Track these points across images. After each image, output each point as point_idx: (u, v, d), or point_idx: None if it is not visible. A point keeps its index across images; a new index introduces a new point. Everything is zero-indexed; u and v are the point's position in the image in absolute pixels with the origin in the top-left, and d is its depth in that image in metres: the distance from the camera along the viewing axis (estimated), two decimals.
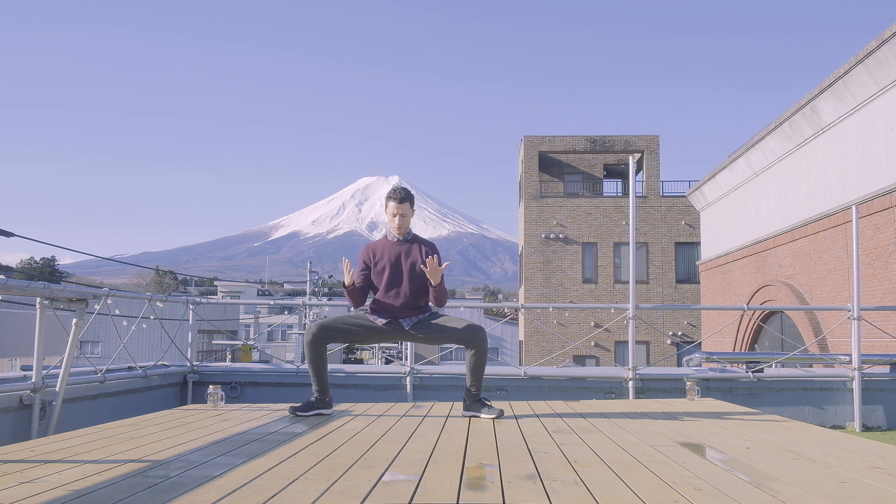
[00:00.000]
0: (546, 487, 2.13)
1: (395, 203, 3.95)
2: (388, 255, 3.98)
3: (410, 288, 3.93)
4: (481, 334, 3.89)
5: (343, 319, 4.06)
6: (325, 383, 4.02)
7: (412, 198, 4.02)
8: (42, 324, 4.53)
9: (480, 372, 3.94)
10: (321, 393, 4.03)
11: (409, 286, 3.93)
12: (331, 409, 4.09)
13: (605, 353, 24.08)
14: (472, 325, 3.92)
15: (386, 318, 3.96)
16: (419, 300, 3.98)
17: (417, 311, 3.98)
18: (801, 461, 2.63)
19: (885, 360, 7.28)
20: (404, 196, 3.99)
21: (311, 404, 4.03)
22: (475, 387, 3.95)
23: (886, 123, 10.52)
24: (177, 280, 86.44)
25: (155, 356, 7.00)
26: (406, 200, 3.98)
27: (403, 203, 3.97)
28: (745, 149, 15.57)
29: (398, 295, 3.93)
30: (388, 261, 3.96)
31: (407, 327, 3.95)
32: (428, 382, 7.00)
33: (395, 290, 3.93)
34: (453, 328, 3.92)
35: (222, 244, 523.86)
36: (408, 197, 4.00)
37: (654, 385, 6.91)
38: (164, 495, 2.01)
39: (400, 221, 3.97)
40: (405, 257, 3.96)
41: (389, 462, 2.56)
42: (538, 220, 26.02)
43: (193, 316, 7.30)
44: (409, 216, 4.01)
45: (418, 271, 3.93)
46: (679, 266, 25.72)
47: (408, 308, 3.96)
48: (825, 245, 12.45)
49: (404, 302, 3.94)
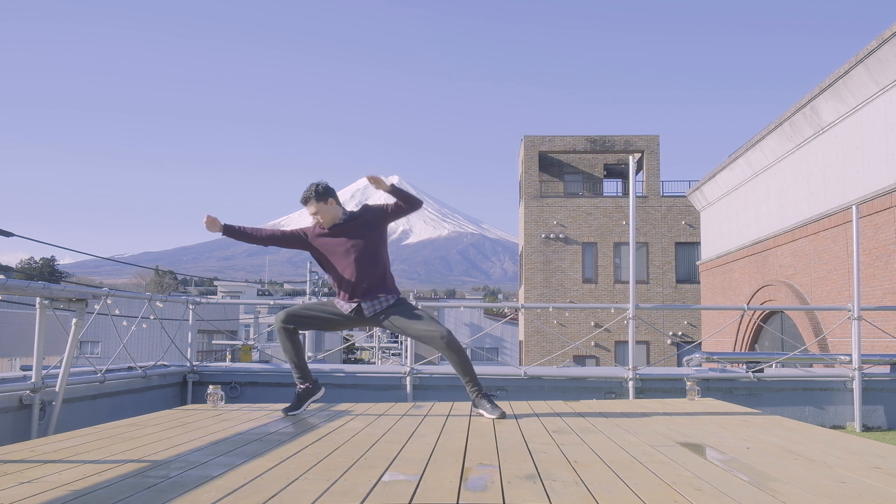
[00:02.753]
0: (546, 487, 2.13)
1: (305, 208, 3.92)
2: (326, 245, 3.94)
3: (358, 268, 3.86)
4: (447, 339, 3.80)
5: (309, 306, 4.11)
6: (305, 369, 4.04)
7: (311, 195, 3.87)
8: (42, 324, 4.53)
9: (466, 368, 3.91)
10: (303, 379, 4.03)
11: (355, 267, 3.87)
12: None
13: (605, 353, 24.08)
14: (437, 329, 3.83)
15: (348, 303, 3.92)
16: (374, 280, 3.89)
17: (378, 294, 3.89)
18: (802, 461, 2.62)
19: (886, 360, 7.28)
20: (304, 199, 3.90)
21: (300, 397, 4.05)
22: (470, 383, 3.94)
23: (886, 123, 10.52)
24: (177, 280, 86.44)
25: (155, 356, 7.00)
26: (307, 202, 3.89)
27: (308, 205, 3.89)
28: (745, 149, 15.56)
29: (351, 279, 3.88)
30: (329, 251, 3.92)
31: (368, 315, 3.90)
32: (428, 382, 7.00)
33: (346, 274, 3.89)
34: (418, 329, 3.85)
35: (222, 244, 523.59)
36: (308, 198, 3.89)
37: (654, 385, 6.90)
38: (164, 495, 2.01)
39: (318, 220, 3.91)
40: (345, 241, 3.90)
41: (389, 462, 2.56)
42: (538, 220, 26.01)
43: (193, 316, 7.30)
44: (324, 211, 3.88)
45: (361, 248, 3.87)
46: (679, 266, 25.71)
47: (365, 291, 3.88)
48: (825, 245, 12.45)
49: (357, 284, 3.87)
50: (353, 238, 3.90)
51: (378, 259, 3.93)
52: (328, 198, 3.89)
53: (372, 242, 3.92)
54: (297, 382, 4.06)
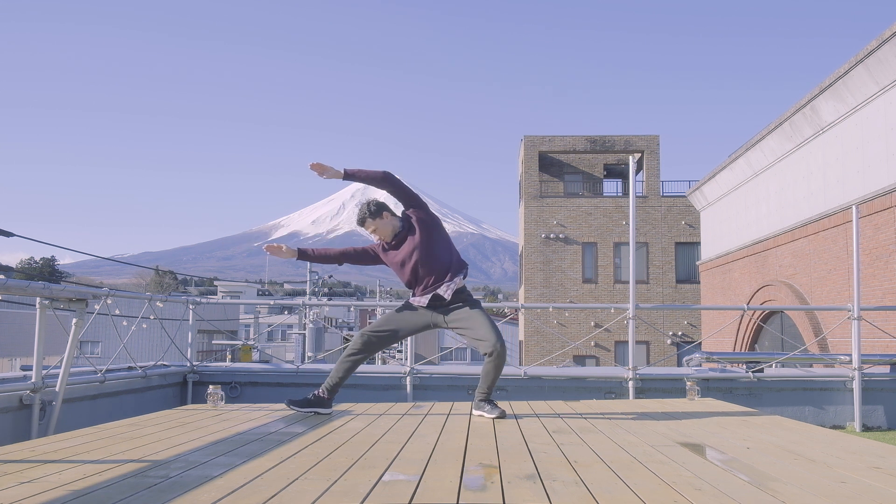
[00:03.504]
0: (546, 487, 2.13)
1: (361, 228, 3.92)
2: (395, 256, 3.95)
3: (427, 265, 3.87)
4: (499, 351, 3.85)
5: (381, 324, 4.04)
6: (337, 389, 4.06)
7: (366, 213, 3.89)
8: (42, 324, 4.53)
9: (493, 381, 3.96)
10: (328, 392, 4.04)
11: (425, 265, 3.87)
12: (329, 410, 4.09)
13: (605, 353, 24.08)
14: (496, 339, 3.86)
15: (423, 296, 3.91)
16: (444, 268, 3.90)
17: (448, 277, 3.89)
18: (801, 461, 2.62)
19: (885, 360, 7.28)
20: (360, 220, 3.92)
21: (309, 402, 4.04)
22: (485, 392, 3.99)
23: (886, 123, 10.52)
24: (177, 280, 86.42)
25: (155, 356, 7.00)
26: (363, 223, 3.91)
27: (365, 225, 3.91)
28: (745, 149, 15.56)
29: (424, 276, 3.89)
30: (398, 260, 3.94)
31: (448, 298, 3.86)
32: (428, 382, 7.00)
33: (419, 274, 3.89)
34: (478, 332, 3.88)
35: (222, 244, 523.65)
36: (363, 219, 3.91)
37: (654, 385, 6.90)
38: (164, 495, 2.01)
39: (379, 236, 3.94)
40: (409, 245, 3.90)
41: (389, 462, 2.56)
42: (538, 220, 26.01)
43: (193, 316, 7.30)
44: (381, 227, 3.91)
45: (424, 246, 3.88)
46: (679, 266, 25.71)
47: (437, 280, 3.88)
48: (825, 245, 12.45)
49: (430, 277, 3.88)
50: (414, 239, 3.90)
51: (441, 248, 3.93)
52: (382, 212, 3.90)
53: (432, 236, 3.93)
54: (321, 390, 4.05)
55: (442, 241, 3.97)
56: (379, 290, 50.02)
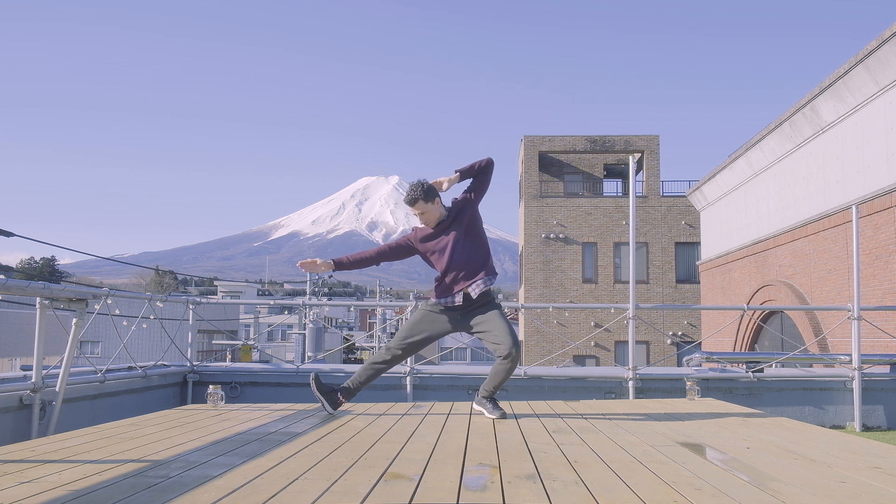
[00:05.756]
0: (546, 487, 2.13)
1: (410, 208, 3.89)
2: (433, 245, 3.93)
3: (465, 259, 3.86)
4: (514, 355, 3.83)
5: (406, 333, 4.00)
6: (357, 391, 4.06)
7: (419, 195, 3.84)
8: (42, 324, 4.53)
9: (503, 382, 3.95)
10: (346, 394, 4.05)
11: (463, 258, 3.86)
12: (332, 411, 4.08)
13: (605, 353, 24.07)
14: (512, 343, 3.83)
15: (453, 294, 3.88)
16: (478, 265, 3.88)
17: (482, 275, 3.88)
18: (801, 461, 2.62)
19: (885, 360, 7.28)
20: (411, 199, 3.87)
21: (326, 392, 4.04)
22: (490, 392, 3.98)
23: (886, 123, 10.52)
24: (177, 280, 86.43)
25: (155, 356, 7.00)
26: (414, 203, 3.86)
27: (415, 206, 3.87)
28: (745, 149, 15.56)
29: (460, 270, 3.86)
30: (437, 249, 3.91)
31: (475, 295, 3.84)
32: (428, 382, 7.00)
33: (455, 267, 3.86)
34: (496, 335, 3.85)
35: (222, 244, 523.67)
36: (415, 199, 3.86)
37: (654, 385, 6.90)
38: (164, 495, 2.01)
39: (424, 220, 3.91)
40: (450, 236, 3.88)
41: (389, 462, 2.56)
42: (538, 220, 26.01)
43: (193, 316, 7.30)
44: (430, 211, 3.87)
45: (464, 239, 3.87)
46: (679, 266, 25.71)
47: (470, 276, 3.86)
48: (825, 245, 12.45)
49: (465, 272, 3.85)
50: (457, 231, 3.89)
51: (480, 244, 3.93)
52: (434, 197, 3.87)
53: (473, 231, 3.92)
54: (345, 386, 4.06)
55: (483, 240, 3.99)
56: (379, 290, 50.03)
